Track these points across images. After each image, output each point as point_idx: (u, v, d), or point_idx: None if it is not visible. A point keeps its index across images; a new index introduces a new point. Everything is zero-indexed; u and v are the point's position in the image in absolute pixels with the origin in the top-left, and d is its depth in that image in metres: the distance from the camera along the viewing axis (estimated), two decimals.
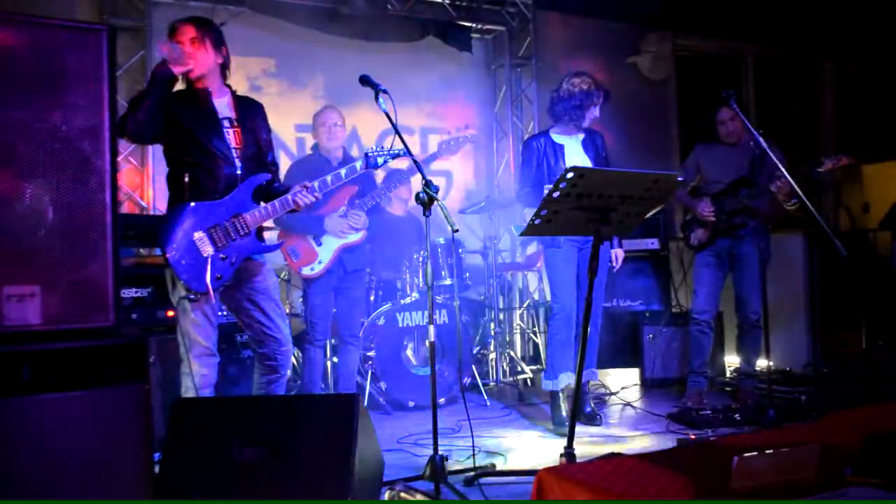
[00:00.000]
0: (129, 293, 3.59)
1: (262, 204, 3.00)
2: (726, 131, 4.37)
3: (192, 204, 2.89)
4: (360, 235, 4.12)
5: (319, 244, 4.05)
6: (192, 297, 2.87)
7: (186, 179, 2.88)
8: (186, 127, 2.90)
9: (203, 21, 3.01)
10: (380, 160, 3.35)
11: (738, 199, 4.19)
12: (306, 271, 4.04)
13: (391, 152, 3.37)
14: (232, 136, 2.98)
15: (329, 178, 3.15)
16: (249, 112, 3.08)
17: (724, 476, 1.76)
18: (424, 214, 2.94)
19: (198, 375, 2.94)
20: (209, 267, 2.85)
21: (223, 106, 3.02)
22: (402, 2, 5.87)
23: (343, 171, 3.23)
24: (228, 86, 3.10)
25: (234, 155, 2.97)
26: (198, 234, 2.87)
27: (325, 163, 4.06)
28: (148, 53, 5.22)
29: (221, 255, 2.90)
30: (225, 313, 3.93)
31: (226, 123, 2.99)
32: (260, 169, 3.07)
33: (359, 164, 3.29)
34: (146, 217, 5.03)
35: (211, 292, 2.86)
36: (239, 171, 2.97)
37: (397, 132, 2.99)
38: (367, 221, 4.10)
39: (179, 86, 2.95)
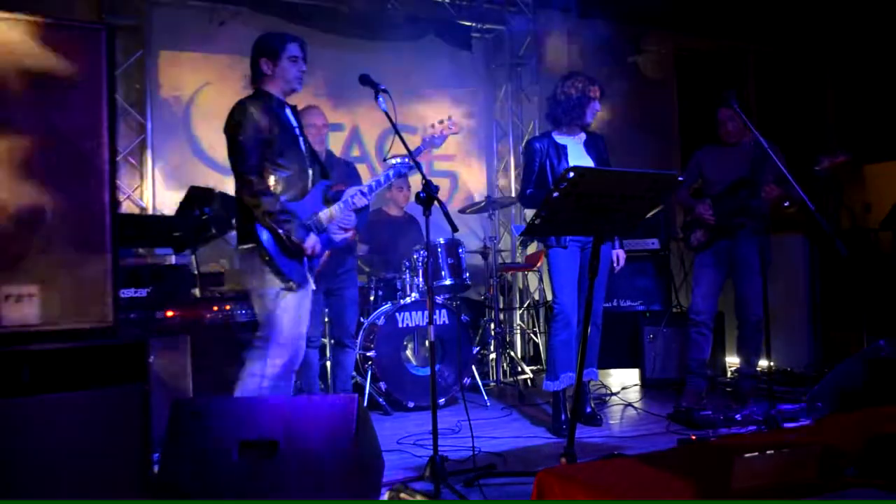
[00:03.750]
0: (127, 293, 3.59)
1: (330, 205, 3.26)
2: (725, 131, 4.36)
3: (288, 203, 3.09)
4: (349, 235, 4.12)
5: None
6: (291, 287, 3.05)
7: (273, 182, 3.05)
8: (280, 140, 3.09)
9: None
10: (403, 169, 3.53)
11: (738, 200, 4.18)
12: None
13: (409, 165, 3.53)
14: (302, 144, 3.22)
15: (373, 182, 3.41)
16: (302, 126, 3.31)
17: (724, 477, 1.76)
18: (424, 214, 2.95)
19: (276, 365, 3.01)
20: (305, 261, 3.11)
21: (292, 117, 3.24)
22: (402, 1, 5.86)
23: (373, 183, 3.42)
24: None
25: (308, 161, 3.21)
26: None
27: None
28: (147, 52, 5.22)
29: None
30: (228, 308, 3.95)
31: (297, 132, 3.22)
32: (320, 173, 3.32)
33: (391, 172, 3.48)
34: (146, 217, 5.03)
35: (311, 283, 3.15)
36: (311, 176, 3.21)
37: (397, 132, 3.01)
38: (355, 220, 4.10)
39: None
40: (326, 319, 4.46)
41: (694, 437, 3.49)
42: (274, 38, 3.20)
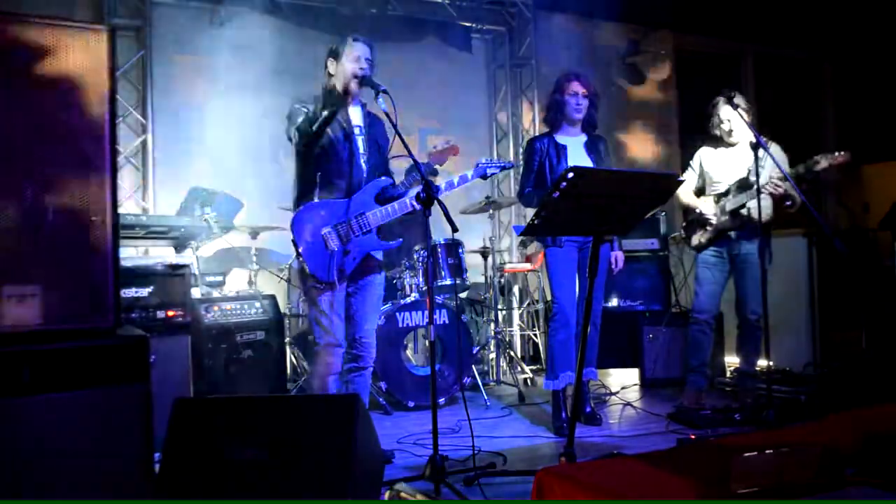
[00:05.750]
0: (128, 293, 3.59)
1: (383, 205, 3.24)
2: (728, 129, 4.37)
3: (322, 201, 3.17)
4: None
5: None
6: (318, 285, 3.12)
7: (318, 178, 3.14)
8: (329, 131, 3.18)
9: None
10: (489, 171, 3.51)
11: (738, 200, 4.19)
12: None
13: (500, 164, 3.56)
14: (361, 143, 3.28)
15: (443, 184, 3.39)
16: (374, 126, 3.37)
17: (724, 476, 1.76)
18: (425, 214, 2.95)
19: (323, 364, 3.16)
20: (334, 260, 3.14)
21: (356, 115, 3.31)
22: (402, 2, 5.87)
23: (455, 179, 3.41)
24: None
25: (362, 160, 3.26)
26: (326, 230, 3.15)
27: None
28: (148, 53, 5.23)
29: (345, 250, 3.17)
30: (229, 308, 3.94)
31: (356, 130, 3.27)
32: (379, 171, 3.35)
33: (470, 173, 3.46)
34: (147, 217, 5.02)
35: (336, 284, 3.15)
36: (364, 175, 3.26)
37: (397, 132, 3.00)
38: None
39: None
40: None
41: (694, 437, 3.49)
42: (339, 40, 3.33)
